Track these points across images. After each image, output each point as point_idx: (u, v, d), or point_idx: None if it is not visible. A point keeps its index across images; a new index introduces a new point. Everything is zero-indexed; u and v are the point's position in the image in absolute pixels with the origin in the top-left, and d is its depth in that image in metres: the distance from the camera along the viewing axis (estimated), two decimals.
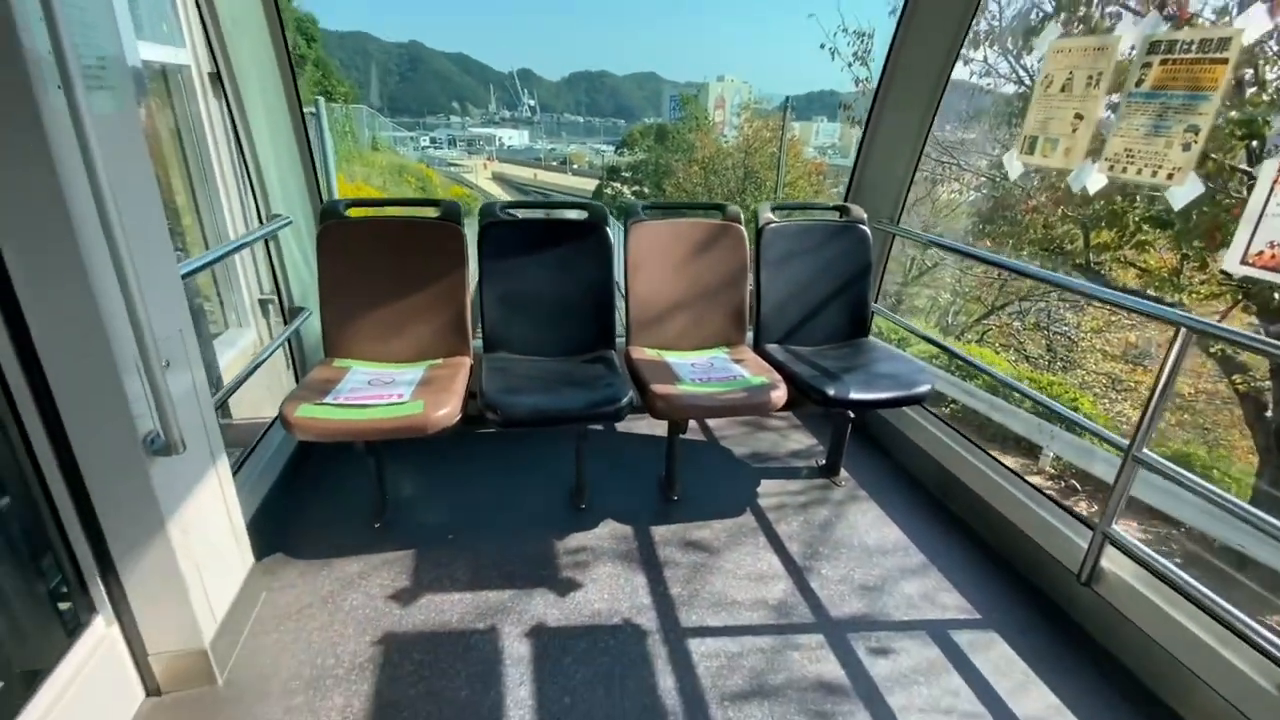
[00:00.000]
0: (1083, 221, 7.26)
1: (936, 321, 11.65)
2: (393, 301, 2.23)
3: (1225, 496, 1.53)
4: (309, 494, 2.34)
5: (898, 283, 12.09)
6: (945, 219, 11.55)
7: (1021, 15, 6.77)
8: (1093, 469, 6.46)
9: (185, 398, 1.44)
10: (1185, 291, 6.56)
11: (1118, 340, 9.29)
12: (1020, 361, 9.92)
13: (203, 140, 3.35)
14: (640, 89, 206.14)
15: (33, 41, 1.06)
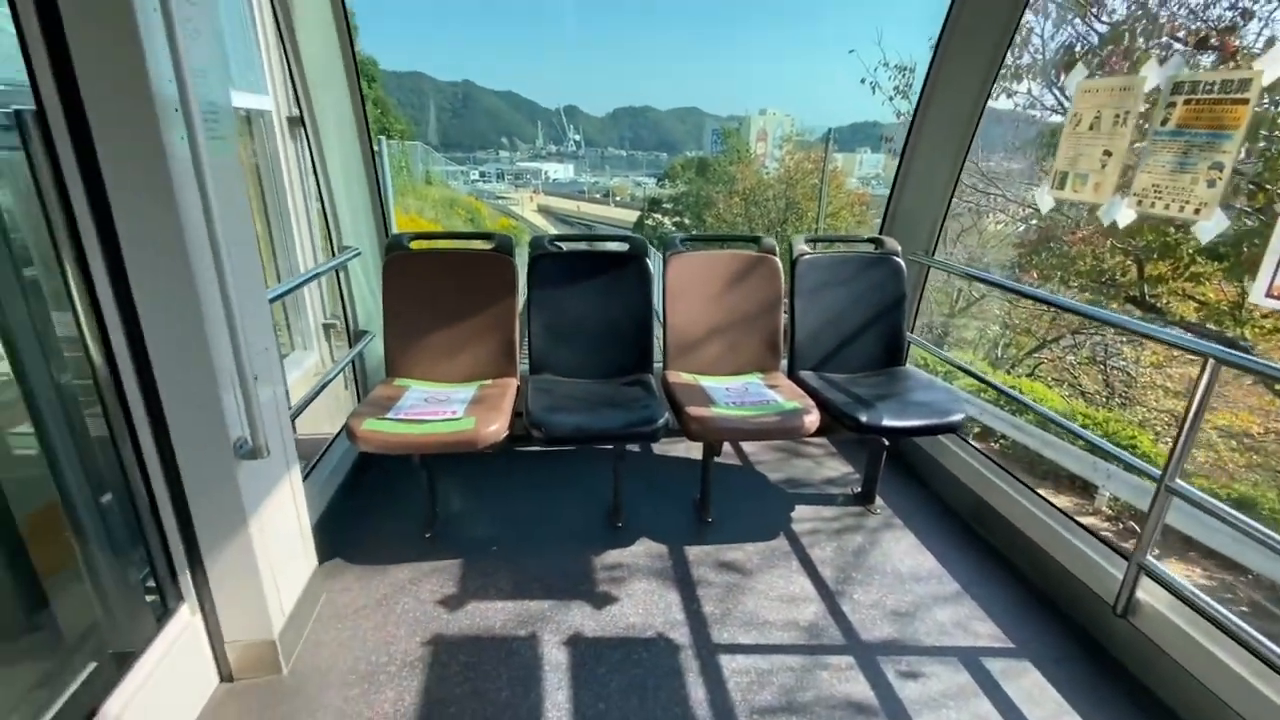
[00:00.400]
0: (1135, 254, 7.09)
1: (985, 354, 11.35)
2: (449, 326, 2.41)
3: (1256, 526, 1.52)
4: (366, 504, 2.51)
5: (944, 314, 11.85)
6: (994, 250, 11.35)
7: (1065, 48, 6.80)
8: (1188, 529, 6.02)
9: (269, 408, 1.61)
10: (1247, 325, 6.32)
11: (1179, 375, 8.89)
12: (1075, 397, 9.58)
13: (280, 178, 3.67)
14: (682, 123, 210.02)
15: (163, 90, 1.26)
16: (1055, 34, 7.25)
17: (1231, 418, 7.81)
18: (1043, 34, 7.40)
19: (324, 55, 2.41)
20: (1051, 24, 7.17)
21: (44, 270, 1.35)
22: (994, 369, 10.21)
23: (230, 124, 1.52)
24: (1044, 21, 7.20)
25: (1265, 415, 7.69)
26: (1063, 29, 6.92)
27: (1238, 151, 1.58)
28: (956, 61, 2.55)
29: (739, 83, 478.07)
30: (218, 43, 1.43)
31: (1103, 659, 1.86)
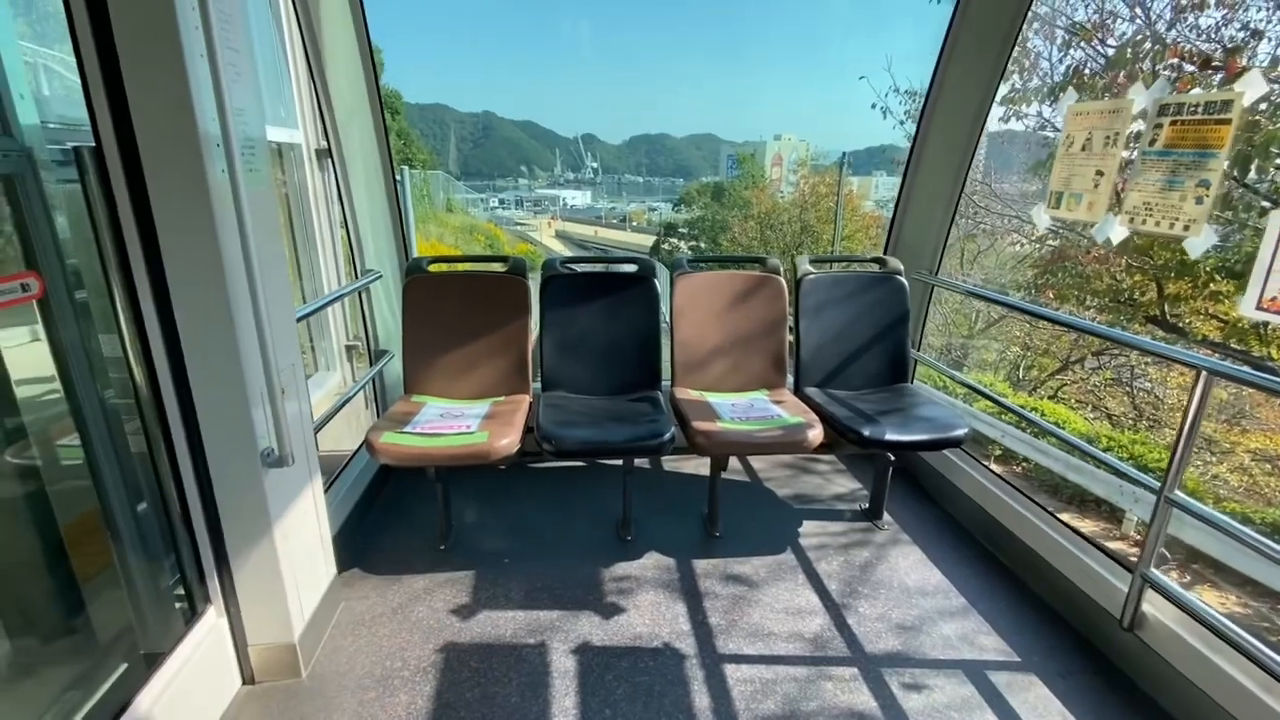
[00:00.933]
0: (1154, 273, 7.01)
1: (1006, 376, 11.16)
2: (465, 345, 2.52)
3: (1256, 537, 1.53)
4: (384, 517, 2.59)
5: (964, 336, 11.70)
6: (1012, 271, 11.25)
7: (1073, 71, 6.87)
8: (1182, 535, 5.85)
9: (295, 420, 1.71)
10: (1272, 344, 6.19)
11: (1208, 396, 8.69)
12: (1100, 420, 9.33)
13: (308, 207, 3.85)
14: (698, 149, 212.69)
15: (207, 127, 1.38)
16: (1062, 58, 7.36)
17: (1265, 440, 7.57)
18: (1050, 58, 7.51)
19: (351, 90, 2.57)
20: (1058, 49, 7.29)
21: (94, 294, 1.48)
22: (1015, 391, 10.03)
23: (264, 157, 1.64)
24: (1050, 46, 7.33)
25: None
26: (1069, 53, 7.04)
27: (1223, 169, 1.63)
28: (954, 87, 2.64)
29: (754, 109, 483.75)
30: (254, 83, 1.56)
31: (1109, 673, 1.85)
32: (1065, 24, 7.03)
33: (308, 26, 2.33)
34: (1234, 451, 8.05)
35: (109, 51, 1.31)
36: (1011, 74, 7.21)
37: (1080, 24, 6.74)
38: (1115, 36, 6.53)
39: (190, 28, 1.32)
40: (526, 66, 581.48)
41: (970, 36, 2.52)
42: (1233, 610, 5.31)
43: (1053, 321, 7.61)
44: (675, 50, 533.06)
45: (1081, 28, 6.65)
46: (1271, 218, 1.50)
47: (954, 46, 2.57)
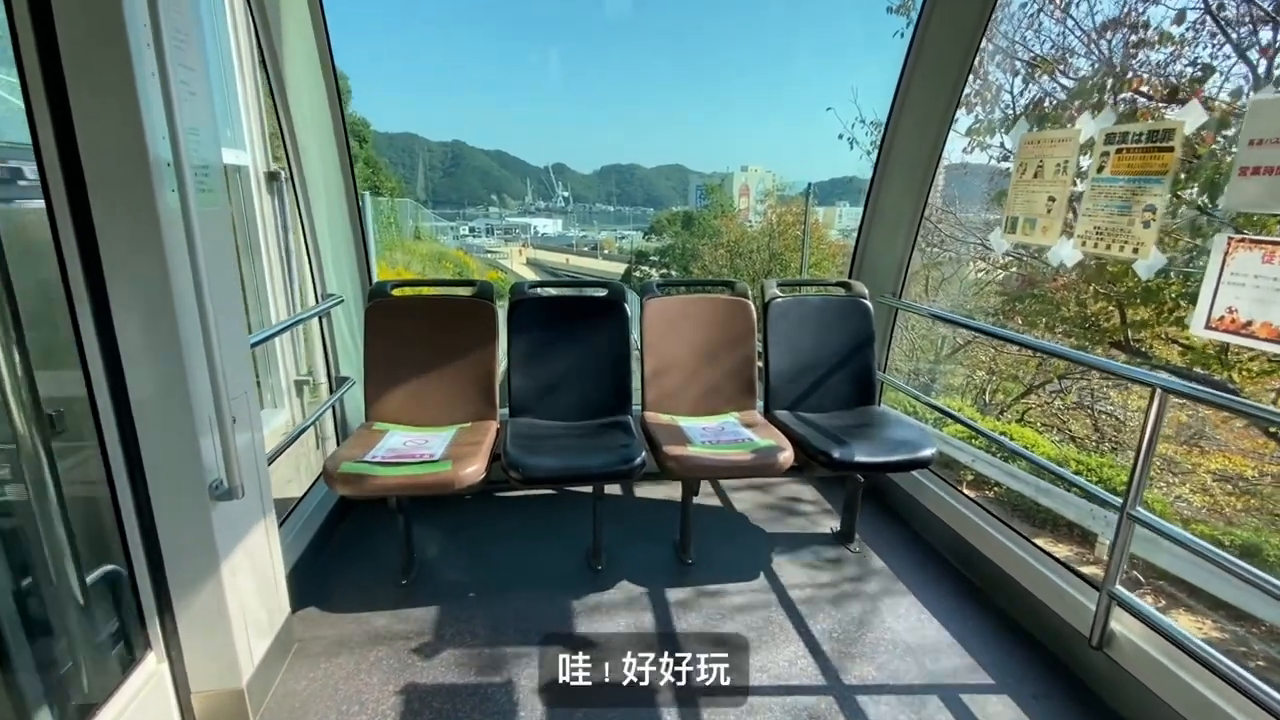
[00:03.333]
0: (1118, 299, 7.08)
1: (973, 400, 11.26)
2: (429, 371, 2.45)
3: (1221, 554, 1.56)
4: (343, 551, 2.48)
5: (929, 361, 11.69)
6: (976, 298, 11.34)
7: (1035, 103, 7.09)
8: (1156, 559, 5.77)
9: (246, 450, 1.63)
10: (1234, 368, 6.25)
11: (1169, 420, 8.77)
12: (1066, 443, 9.30)
13: (255, 231, 3.76)
14: (667, 180, 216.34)
15: (157, 149, 1.33)
16: (1023, 90, 7.60)
17: (1225, 461, 7.66)
18: (1012, 90, 7.74)
19: (313, 114, 2.53)
20: (1020, 81, 7.55)
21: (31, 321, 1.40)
22: (983, 415, 10.11)
23: (219, 178, 1.59)
24: (1013, 79, 7.59)
25: (1260, 459, 7.49)
26: (1030, 86, 7.31)
27: (1168, 195, 1.70)
28: (911, 120, 2.73)
29: (721, 141, 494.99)
30: (209, 102, 1.52)
31: (1081, 693, 1.85)
32: (1026, 57, 7.24)
33: (268, 48, 2.30)
34: (1195, 472, 8.04)
35: (54, 68, 1.26)
36: (975, 106, 7.39)
37: (1042, 57, 6.96)
38: (1072, 71, 6.81)
39: (141, 45, 1.28)
40: (497, 97, 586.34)
41: (924, 73, 2.62)
42: (1210, 634, 5.28)
43: (1013, 342, 7.76)
44: (645, 82, 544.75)
45: (1043, 60, 6.85)
46: (1215, 240, 1.56)
47: (910, 81, 2.67)
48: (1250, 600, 5.08)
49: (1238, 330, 1.52)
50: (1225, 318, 1.55)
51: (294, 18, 2.34)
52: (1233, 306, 1.53)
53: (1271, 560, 5.83)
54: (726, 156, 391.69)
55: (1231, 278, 1.53)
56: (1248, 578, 1.50)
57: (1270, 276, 1.47)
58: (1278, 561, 5.87)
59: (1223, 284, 1.55)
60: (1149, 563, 5.94)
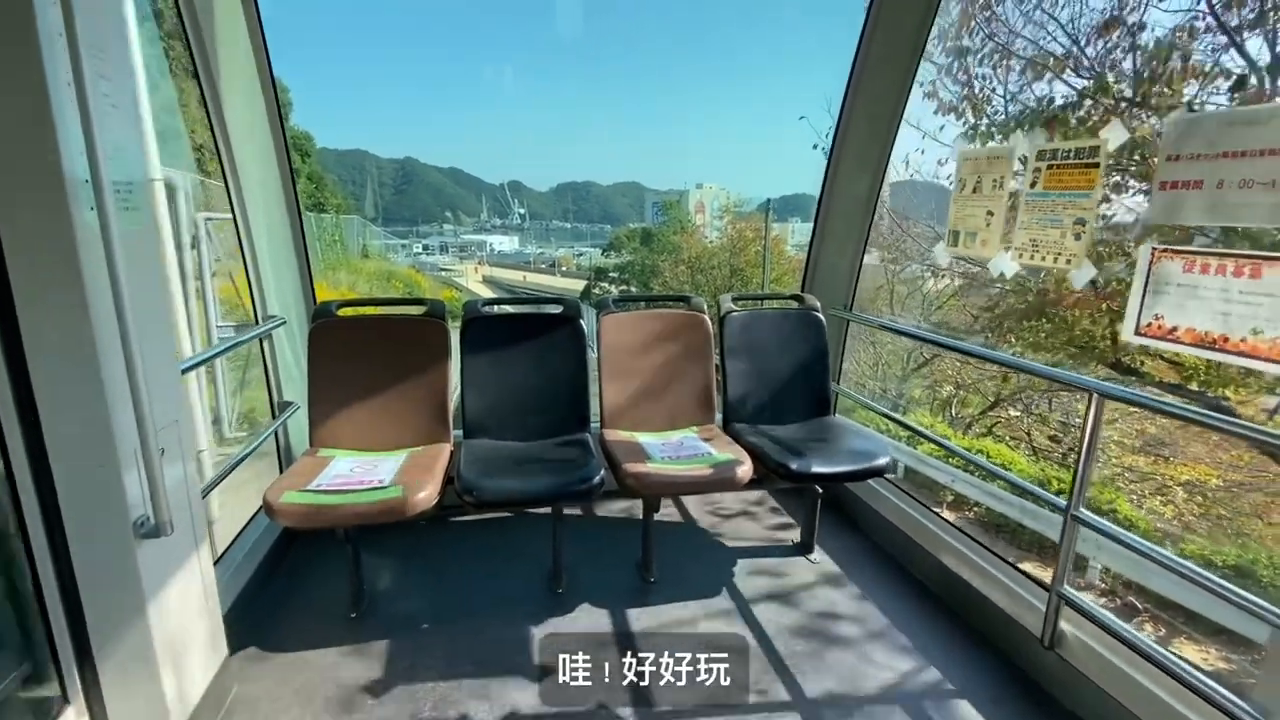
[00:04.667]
0: (1110, 317, 6.33)
1: (941, 415, 10.75)
2: (378, 393, 2.37)
3: (1163, 553, 1.63)
4: (287, 586, 2.35)
5: (896, 375, 11.31)
6: (939, 313, 10.60)
7: (1048, 102, 6.41)
8: (1150, 583, 5.51)
9: (176, 483, 1.53)
10: (1229, 385, 5.91)
11: (1135, 431, 8.31)
12: (1034, 457, 8.92)
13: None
14: (624, 197, 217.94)
15: (73, 168, 1.25)
16: (1018, 92, 6.83)
17: (1191, 471, 7.49)
18: (1005, 94, 6.99)
19: (251, 127, 2.43)
20: (1013, 83, 6.79)
21: None
22: (954, 431, 9.81)
23: (145, 195, 1.51)
24: (1004, 80, 6.72)
25: (1228, 468, 7.24)
26: (1034, 87, 6.58)
27: (1096, 208, 1.79)
28: (856, 137, 2.81)
29: (676, 159, 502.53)
30: (134, 115, 1.44)
31: (1036, 693, 1.89)
32: (1028, 55, 6.49)
33: (201, 58, 2.20)
34: (1172, 488, 7.76)
35: None
36: (964, 110, 6.92)
37: (1051, 54, 6.25)
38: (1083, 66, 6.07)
39: (56, 51, 1.21)
40: (450, 114, 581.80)
41: (867, 92, 2.70)
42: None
43: (955, 350, 7.75)
44: (599, 100, 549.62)
45: (1053, 57, 6.18)
46: (1140, 250, 1.64)
47: (854, 100, 2.75)
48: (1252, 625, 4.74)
49: (1163, 336, 1.59)
50: (1152, 324, 1.63)
51: (229, 28, 2.25)
52: (1159, 314, 1.61)
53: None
54: (681, 174, 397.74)
55: (1156, 286, 1.62)
56: (1191, 576, 1.56)
57: (1190, 284, 1.56)
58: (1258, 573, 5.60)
59: (1149, 293, 1.64)
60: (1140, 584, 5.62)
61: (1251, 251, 1.42)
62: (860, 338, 10.13)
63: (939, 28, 6.64)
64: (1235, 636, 5.17)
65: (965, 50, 6.78)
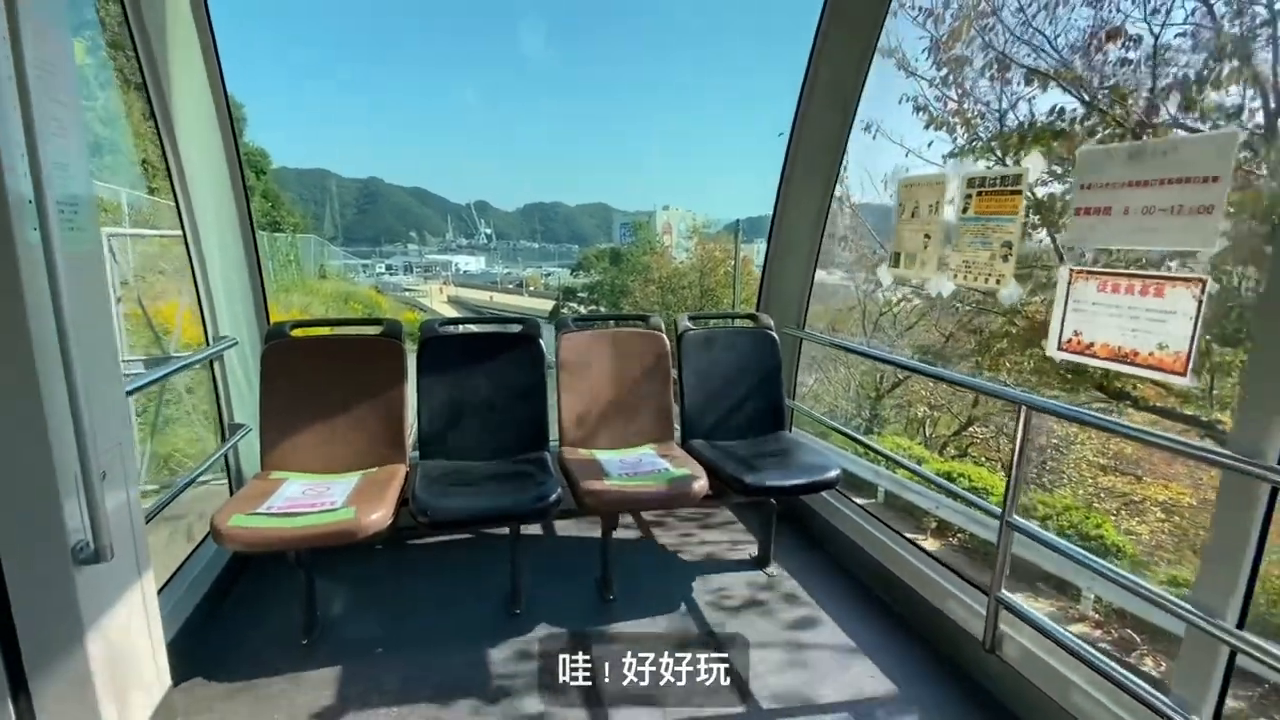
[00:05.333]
0: None
1: (919, 437, 10.45)
2: (333, 415, 2.35)
3: (1089, 557, 1.72)
4: (236, 613, 2.29)
5: (870, 397, 10.92)
6: (910, 334, 10.29)
7: (1056, 111, 6.09)
8: (1149, 616, 5.03)
9: (118, 508, 1.49)
10: (1216, 408, 5.79)
11: (1112, 450, 8.04)
12: (1004, 474, 8.17)
13: None
14: (591, 217, 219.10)
15: (16, 185, 1.24)
16: (1015, 103, 6.62)
17: (1165, 490, 7.25)
18: (1002, 105, 6.75)
19: (204, 143, 2.40)
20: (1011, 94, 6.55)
21: None
22: (930, 453, 9.40)
23: (90, 214, 1.50)
24: (1002, 91, 6.44)
25: (1207, 489, 6.75)
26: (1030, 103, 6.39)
27: (1020, 232, 1.92)
28: (805, 163, 2.93)
29: (644, 180, 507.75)
30: (79, 137, 1.43)
31: (979, 696, 1.96)
32: (1028, 65, 6.12)
33: (153, 75, 2.18)
34: (1152, 510, 7.37)
35: None
36: (955, 126, 6.84)
37: (1062, 64, 5.90)
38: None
39: (3, 77, 1.21)
40: (416, 134, 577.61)
41: (813, 122, 2.84)
42: None
43: (899, 367, 7.70)
44: (567, 120, 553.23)
45: (1058, 69, 5.85)
46: (1060, 272, 1.77)
47: (801, 128, 2.88)
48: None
49: (1082, 351, 1.71)
50: (1072, 340, 1.74)
51: (181, 43, 2.23)
52: (1078, 330, 1.73)
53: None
54: (648, 195, 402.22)
55: (1075, 305, 1.73)
56: (1114, 578, 1.66)
57: (1105, 303, 1.68)
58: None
59: (1069, 311, 1.75)
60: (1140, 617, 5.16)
61: (1153, 273, 1.54)
62: (837, 359, 10.17)
63: (931, 38, 6.77)
64: None
65: (962, 60, 6.61)
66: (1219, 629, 1.40)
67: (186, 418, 6.23)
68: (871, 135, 7.50)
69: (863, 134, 7.44)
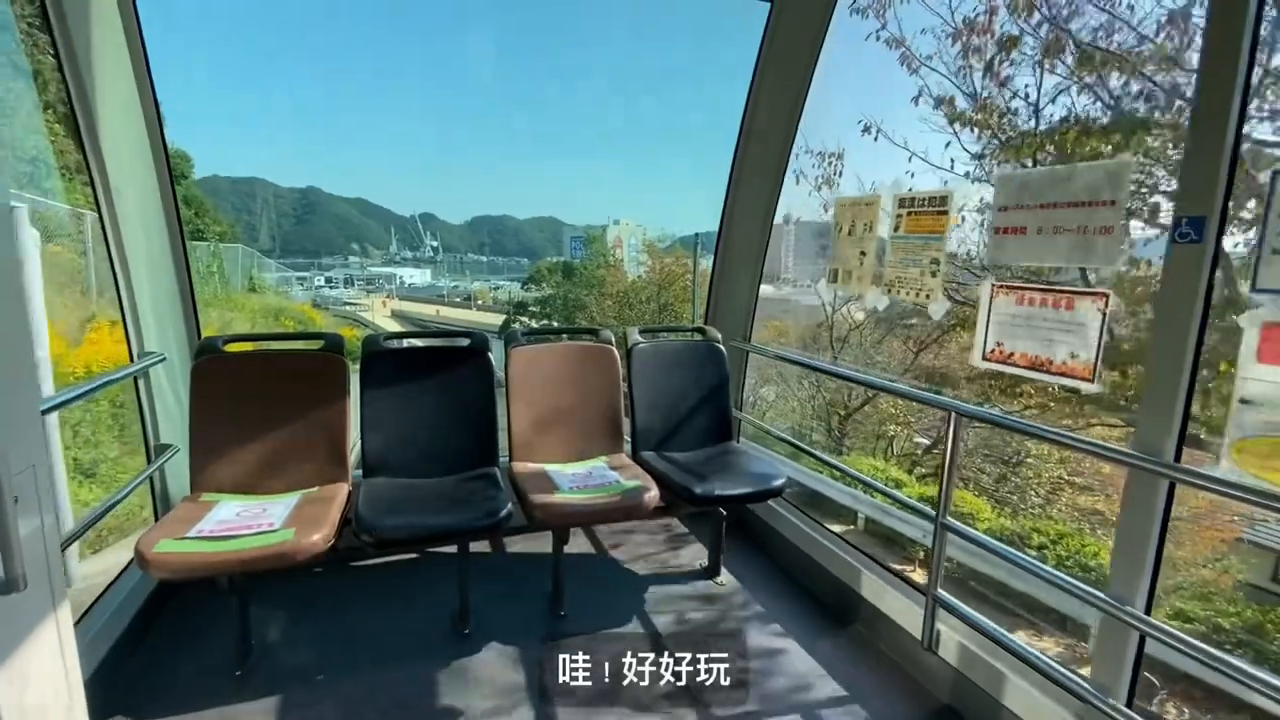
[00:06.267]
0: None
1: (890, 455, 9.98)
2: (269, 433, 2.26)
3: (1022, 557, 1.83)
4: (163, 645, 2.16)
5: (840, 415, 10.44)
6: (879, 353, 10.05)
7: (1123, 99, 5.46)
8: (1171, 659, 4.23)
9: (33, 534, 1.40)
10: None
11: (1089, 469, 7.62)
12: (993, 503, 7.77)
13: None
14: (541, 231, 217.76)
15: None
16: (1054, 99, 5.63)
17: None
18: (1038, 100, 5.70)
19: (129, 149, 2.27)
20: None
21: None
22: (910, 478, 8.62)
23: (6, 223, 1.41)
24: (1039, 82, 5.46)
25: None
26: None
27: (946, 249, 2.04)
28: (749, 182, 3.03)
29: (593, 195, 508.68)
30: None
31: (921, 694, 2.04)
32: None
33: (73, 74, 2.06)
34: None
35: None
36: (982, 123, 6.08)
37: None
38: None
39: None
40: (357, 145, 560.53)
41: (758, 139, 2.94)
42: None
43: (834, 375, 7.81)
44: (511, 134, 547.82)
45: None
46: (983, 286, 1.89)
47: (746, 144, 2.98)
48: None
49: (1004, 360, 1.83)
50: (995, 350, 1.86)
51: (107, 44, 2.13)
52: (1000, 341, 1.85)
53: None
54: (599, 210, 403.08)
55: (996, 317, 1.86)
56: (1047, 578, 1.76)
57: (1023, 315, 1.80)
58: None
59: (991, 323, 1.88)
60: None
61: (1064, 287, 1.67)
62: (803, 377, 9.86)
63: (962, 18, 5.90)
64: None
65: (1009, 42, 5.51)
66: (1128, 616, 1.51)
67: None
68: (873, 137, 6.79)
69: (862, 137, 6.83)
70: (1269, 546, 5.96)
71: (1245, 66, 1.35)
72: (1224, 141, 1.37)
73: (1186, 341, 1.44)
